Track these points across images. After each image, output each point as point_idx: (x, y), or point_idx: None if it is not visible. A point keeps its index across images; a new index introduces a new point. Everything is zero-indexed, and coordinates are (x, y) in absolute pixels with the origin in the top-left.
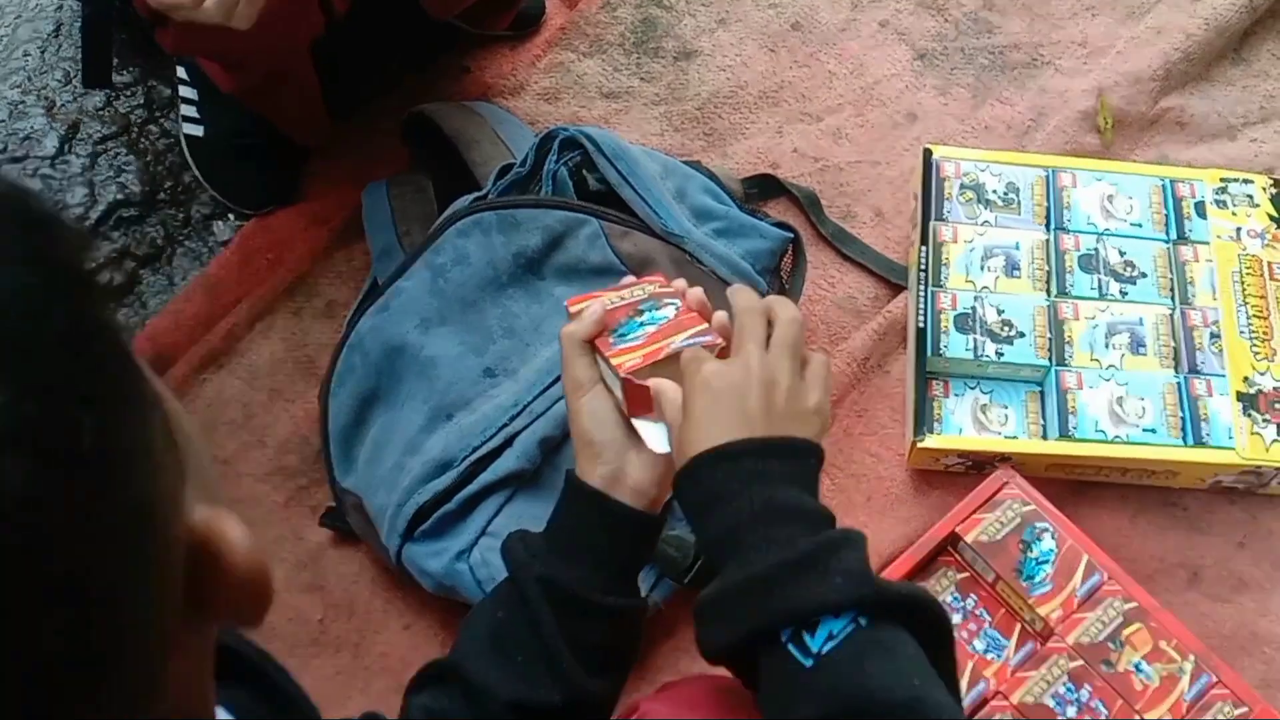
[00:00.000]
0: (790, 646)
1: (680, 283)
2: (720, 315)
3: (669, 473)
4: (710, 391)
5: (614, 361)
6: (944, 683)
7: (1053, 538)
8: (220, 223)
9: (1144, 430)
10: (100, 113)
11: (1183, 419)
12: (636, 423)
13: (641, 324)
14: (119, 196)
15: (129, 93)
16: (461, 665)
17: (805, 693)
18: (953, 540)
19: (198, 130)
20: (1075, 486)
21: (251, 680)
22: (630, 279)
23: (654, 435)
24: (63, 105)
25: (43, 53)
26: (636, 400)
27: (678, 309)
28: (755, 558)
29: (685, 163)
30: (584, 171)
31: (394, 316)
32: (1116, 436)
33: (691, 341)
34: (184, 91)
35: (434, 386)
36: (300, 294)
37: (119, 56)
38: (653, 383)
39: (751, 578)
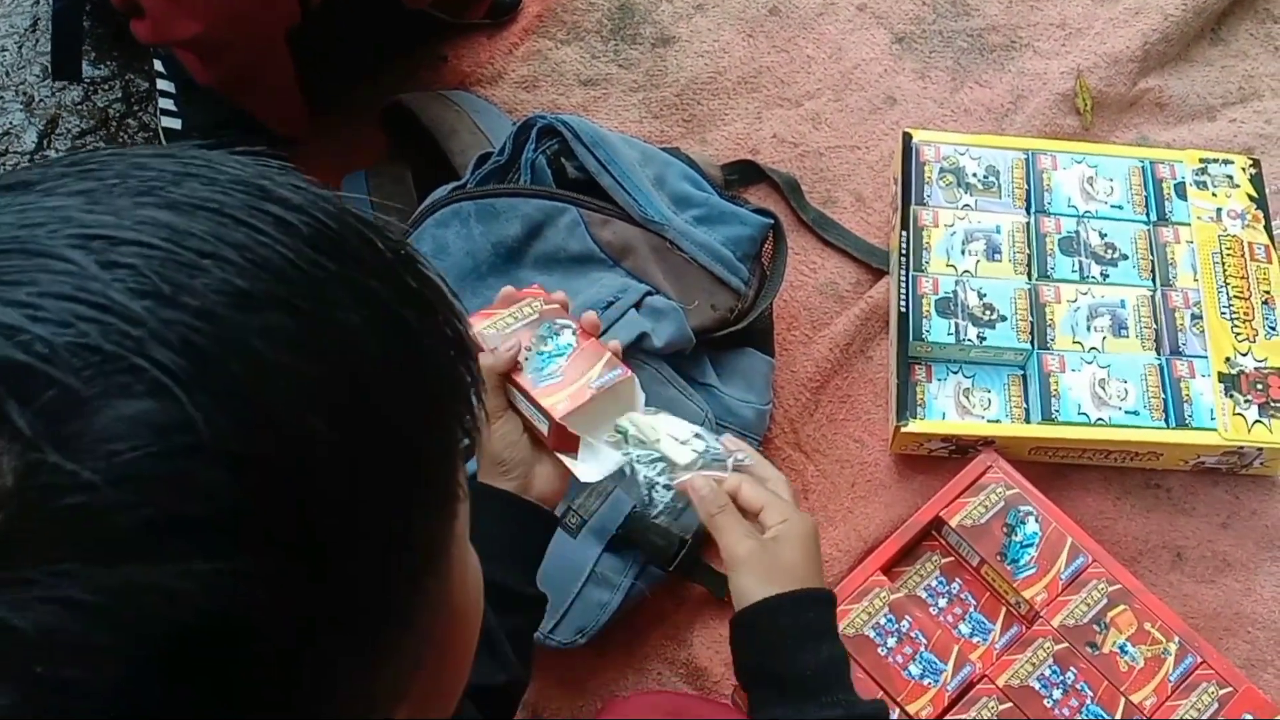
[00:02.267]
0: None
1: (559, 294)
2: (614, 344)
3: (564, 486)
4: (813, 536)
5: (544, 404)
6: None
7: (1036, 521)
8: None
9: (1126, 412)
10: (79, 107)
11: (1165, 401)
12: (564, 458)
13: (551, 355)
14: None
15: (107, 86)
16: None
17: None
18: (937, 524)
19: (176, 123)
20: (1058, 469)
21: None
22: (506, 292)
23: (581, 469)
24: (41, 100)
25: (20, 48)
26: (563, 439)
27: (574, 333)
28: (861, 703)
29: (664, 150)
30: (562, 160)
31: None
32: (1099, 419)
33: (606, 378)
34: (161, 84)
35: None
36: None
37: (96, 50)
38: (704, 493)
39: (866, 718)
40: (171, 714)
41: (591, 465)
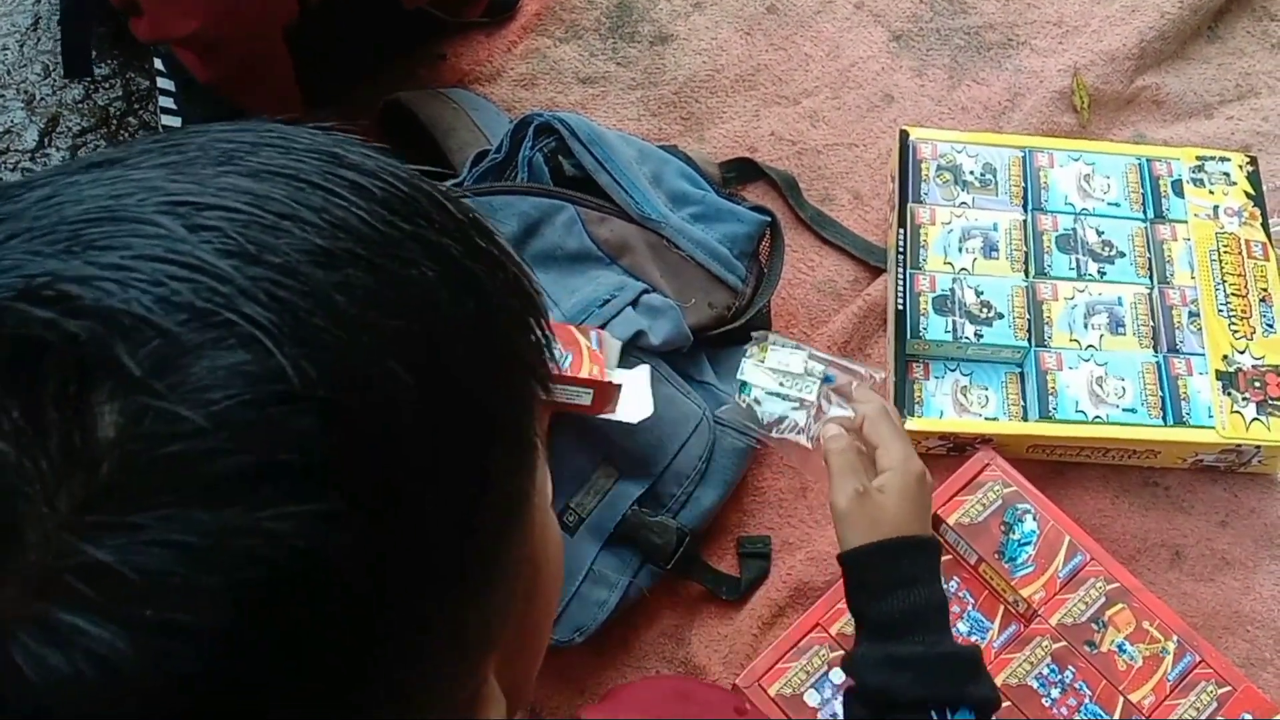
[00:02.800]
0: (933, 713)
1: None
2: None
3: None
4: (918, 484)
5: (582, 376)
6: None
7: (1034, 519)
8: None
9: (1124, 410)
10: (79, 105)
11: (1163, 398)
12: (607, 416)
13: None
14: None
15: (108, 85)
16: None
17: None
18: (934, 522)
19: (176, 121)
20: (1056, 467)
21: None
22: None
23: (626, 411)
24: (42, 99)
25: (21, 47)
26: (603, 398)
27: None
28: (944, 644)
29: (661, 147)
30: (559, 157)
31: None
32: (1097, 417)
33: (595, 340)
34: (162, 83)
35: None
36: None
37: (98, 50)
38: (835, 444)
39: (946, 656)
40: (270, 657)
41: (633, 406)
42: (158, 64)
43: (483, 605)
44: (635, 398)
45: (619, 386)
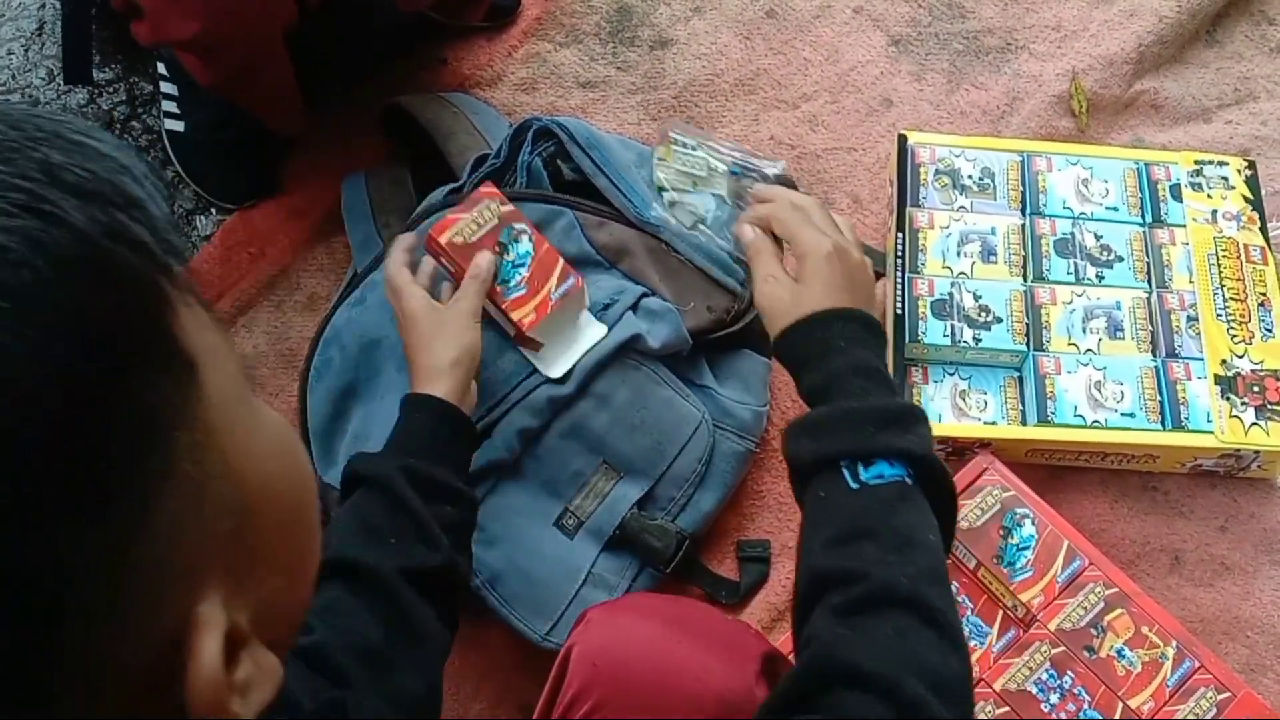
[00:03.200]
0: (845, 473)
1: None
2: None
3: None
4: (826, 262)
5: (514, 317)
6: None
7: (1033, 524)
8: (202, 217)
9: (1122, 415)
10: (83, 110)
11: (1161, 403)
12: (529, 355)
13: (515, 266)
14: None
15: (111, 89)
16: (339, 555)
17: (841, 509)
18: None
19: (179, 125)
20: (1054, 471)
21: None
22: (472, 197)
23: (544, 365)
24: (46, 103)
25: (26, 51)
26: (527, 343)
27: (532, 239)
28: (855, 400)
29: None
30: (559, 162)
31: (370, 309)
32: (1095, 421)
33: (563, 289)
34: (165, 87)
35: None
36: (282, 287)
37: (101, 54)
38: (749, 239)
39: (850, 410)
40: None
41: (555, 364)
42: (160, 68)
43: (151, 531)
44: (563, 355)
45: (540, 344)
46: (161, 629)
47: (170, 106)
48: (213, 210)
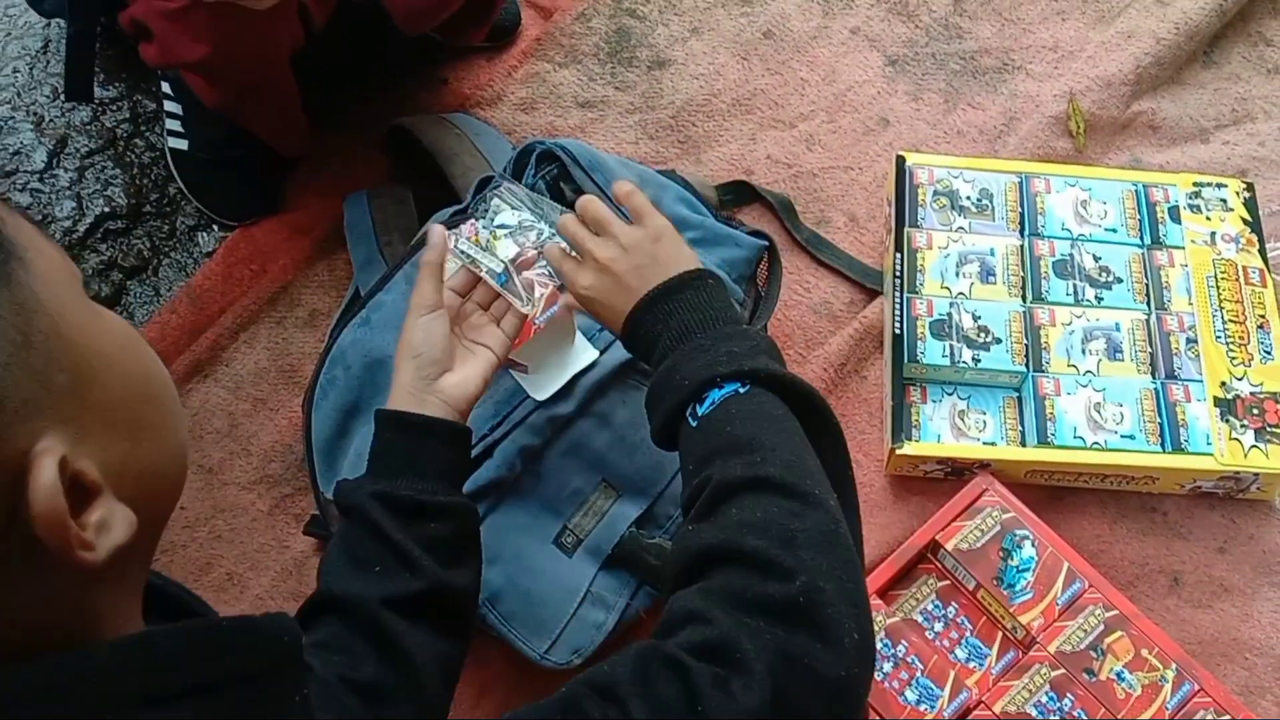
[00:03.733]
0: (689, 418)
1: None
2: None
3: (475, 394)
4: (608, 274)
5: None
6: (810, 449)
7: (1033, 545)
8: (205, 234)
9: (1122, 436)
10: (87, 127)
11: (1161, 425)
12: (515, 375)
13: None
14: (106, 209)
15: (115, 108)
16: (329, 591)
17: (690, 448)
18: (933, 548)
19: (182, 144)
20: (1054, 492)
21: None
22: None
23: (531, 386)
24: (51, 120)
25: (31, 69)
26: (513, 365)
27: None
28: (675, 356)
29: (660, 172)
30: (561, 184)
31: (375, 330)
32: (1095, 443)
33: (548, 314)
34: (169, 106)
35: None
36: (283, 304)
37: (106, 72)
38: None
39: (660, 373)
40: None
41: (542, 387)
42: (165, 87)
43: None
44: (550, 378)
45: (524, 365)
46: (2, 463)
47: (174, 125)
48: (215, 227)
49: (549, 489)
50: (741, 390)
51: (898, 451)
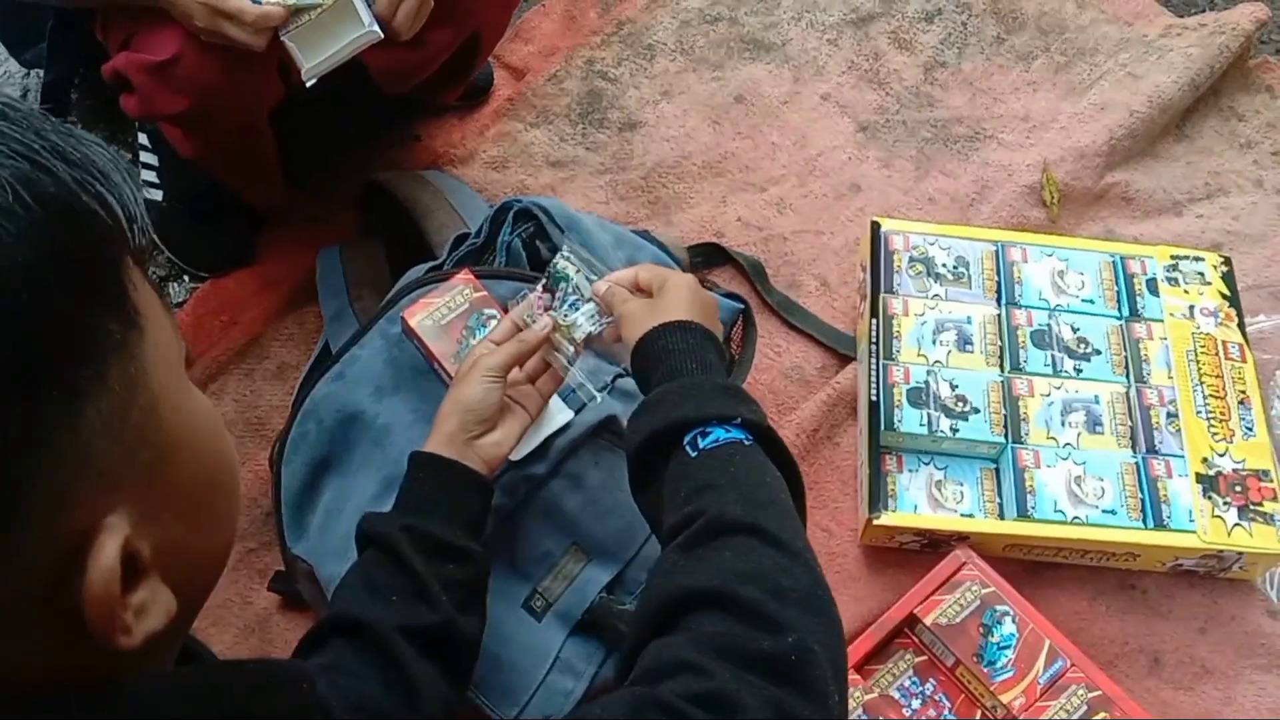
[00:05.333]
0: (687, 446)
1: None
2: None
3: (504, 455)
4: (686, 286)
5: None
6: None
7: (1014, 621)
8: (175, 284)
9: (1104, 511)
10: None
11: (1143, 500)
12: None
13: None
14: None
15: None
16: (343, 614)
17: (683, 475)
18: (910, 622)
19: (157, 195)
20: (1031, 567)
21: None
22: (447, 282)
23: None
24: None
25: None
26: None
27: (498, 321)
28: (691, 378)
29: (635, 232)
30: (537, 242)
31: (349, 384)
32: (1076, 517)
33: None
34: (145, 157)
35: (387, 454)
36: (252, 356)
37: (84, 122)
38: (605, 288)
39: (687, 385)
40: None
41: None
42: (142, 139)
43: (74, 425)
44: (524, 439)
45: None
46: (69, 527)
47: (149, 176)
48: (186, 278)
49: (519, 551)
50: (746, 442)
51: (875, 522)
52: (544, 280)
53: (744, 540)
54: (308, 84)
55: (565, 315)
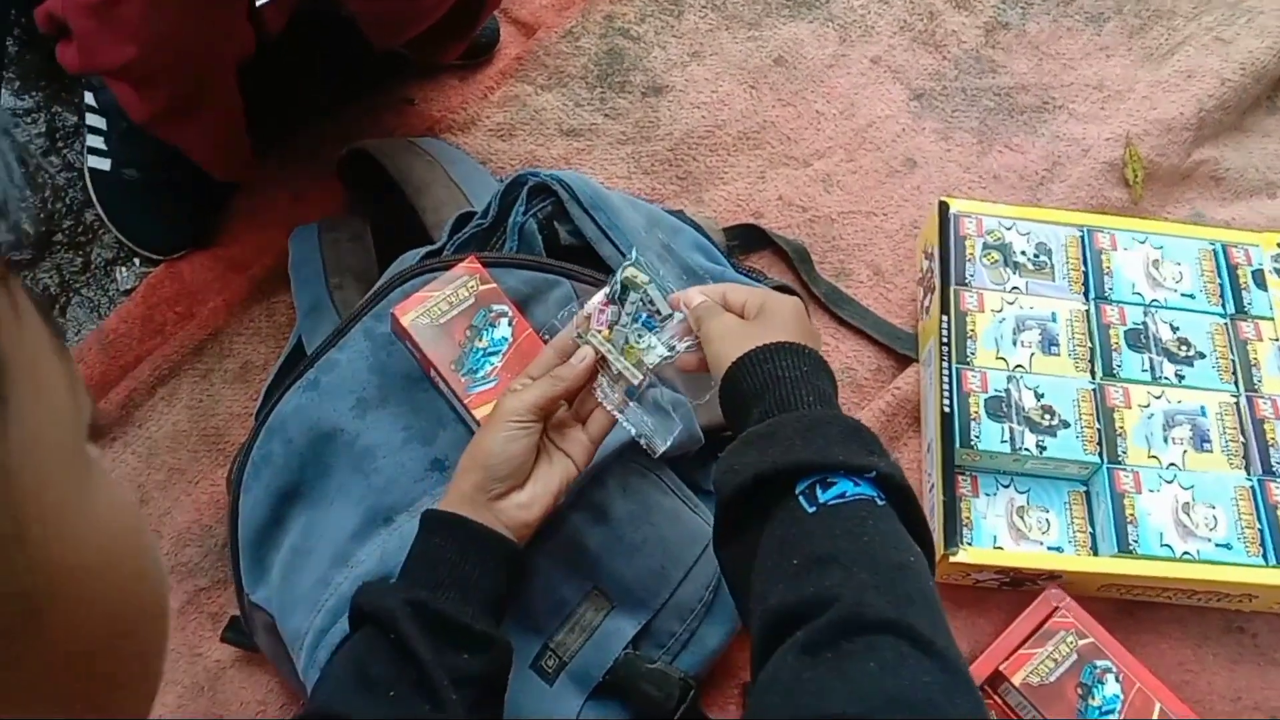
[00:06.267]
0: (801, 497)
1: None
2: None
3: (537, 519)
4: (789, 306)
5: (476, 414)
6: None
7: (1117, 680)
8: (124, 269)
9: (1217, 545)
10: None
11: (1261, 532)
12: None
13: (487, 354)
14: (10, 237)
15: (30, 119)
16: (329, 710)
17: (799, 536)
18: (994, 680)
19: (104, 163)
20: (1124, 606)
21: None
22: (448, 272)
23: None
24: None
25: None
26: None
27: (512, 323)
28: (811, 411)
29: (669, 212)
30: (555, 224)
31: (325, 396)
32: (1186, 553)
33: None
34: (91, 120)
35: (370, 482)
36: (211, 354)
37: (21, 80)
38: (698, 301)
39: (808, 420)
40: None
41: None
42: (89, 98)
43: None
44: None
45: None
46: None
47: (95, 141)
48: (136, 260)
49: (528, 599)
50: (879, 502)
51: (951, 559)
52: (607, 290)
53: (891, 645)
54: (258, 3)
55: (636, 336)
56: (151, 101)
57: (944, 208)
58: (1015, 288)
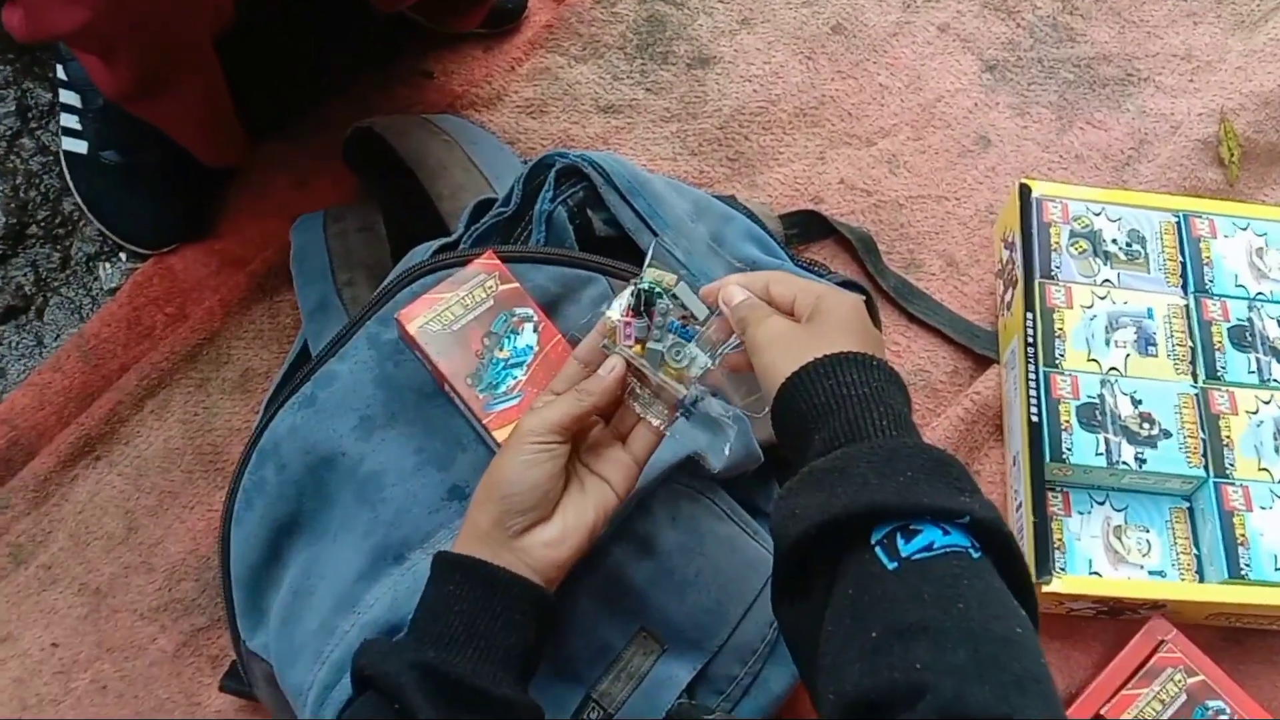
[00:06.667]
0: (878, 549)
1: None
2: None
3: (569, 560)
4: (849, 306)
5: (496, 435)
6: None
7: None
8: (107, 265)
9: None
10: None
11: None
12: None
13: (508, 366)
14: None
15: None
16: None
17: (878, 599)
18: None
19: (80, 145)
20: (1228, 633)
21: None
22: (463, 271)
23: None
24: None
25: None
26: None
27: (538, 329)
28: (886, 440)
29: (718, 198)
30: (588, 211)
31: (323, 414)
32: None
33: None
34: (64, 95)
35: (378, 514)
36: (206, 361)
37: None
38: (740, 299)
39: (884, 450)
40: None
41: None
42: (60, 71)
43: None
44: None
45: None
46: None
47: (70, 121)
48: (122, 255)
49: (567, 643)
50: (974, 554)
51: (1045, 588)
52: (629, 300)
53: None
54: None
55: (674, 354)
56: (119, 75)
57: (1025, 191)
58: (1107, 280)
